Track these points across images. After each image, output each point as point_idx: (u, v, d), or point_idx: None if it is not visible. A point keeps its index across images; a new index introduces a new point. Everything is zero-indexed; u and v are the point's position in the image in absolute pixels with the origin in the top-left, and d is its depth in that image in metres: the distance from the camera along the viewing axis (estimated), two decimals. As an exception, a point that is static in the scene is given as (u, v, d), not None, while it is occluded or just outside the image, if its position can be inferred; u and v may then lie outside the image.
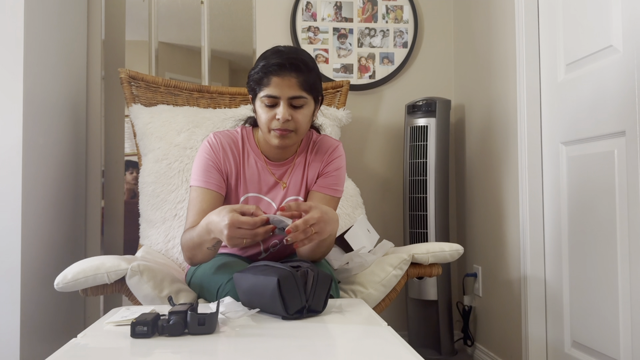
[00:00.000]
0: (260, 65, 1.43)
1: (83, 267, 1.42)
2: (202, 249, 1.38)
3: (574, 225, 1.79)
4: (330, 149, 1.59)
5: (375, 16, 2.59)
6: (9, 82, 1.79)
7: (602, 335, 1.65)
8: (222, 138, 1.54)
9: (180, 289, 1.48)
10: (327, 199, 1.55)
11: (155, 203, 1.92)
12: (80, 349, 0.97)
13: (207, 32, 2.58)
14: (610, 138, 1.61)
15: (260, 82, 1.43)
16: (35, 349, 1.86)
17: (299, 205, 1.28)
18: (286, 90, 1.41)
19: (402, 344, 0.97)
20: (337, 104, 2.33)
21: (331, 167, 1.58)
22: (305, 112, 1.46)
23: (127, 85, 2.11)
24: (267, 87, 1.42)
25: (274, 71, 1.40)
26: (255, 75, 1.45)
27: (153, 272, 1.44)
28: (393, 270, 1.61)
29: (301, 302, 1.14)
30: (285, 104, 1.42)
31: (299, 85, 1.42)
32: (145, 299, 1.43)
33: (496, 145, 2.22)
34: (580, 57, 1.75)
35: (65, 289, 1.41)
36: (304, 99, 1.44)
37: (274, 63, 1.40)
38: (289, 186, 1.56)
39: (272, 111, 1.43)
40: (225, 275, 1.40)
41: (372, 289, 1.58)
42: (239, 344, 0.99)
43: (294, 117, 1.43)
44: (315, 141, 1.61)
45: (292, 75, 1.41)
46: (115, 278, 1.43)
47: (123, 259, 1.50)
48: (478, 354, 2.37)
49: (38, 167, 1.91)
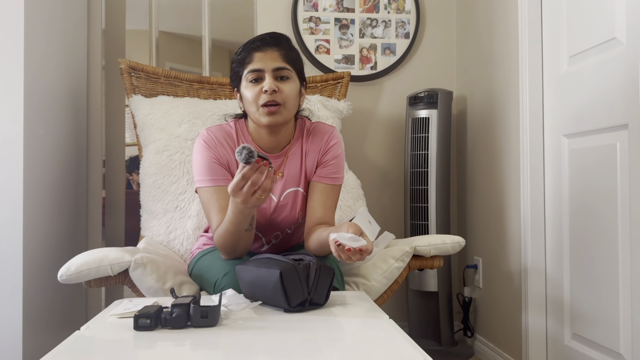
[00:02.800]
0: (241, 49, 1.47)
1: (86, 259, 1.42)
2: (240, 234, 1.36)
3: (575, 218, 1.79)
4: (326, 135, 1.58)
5: (377, 6, 2.57)
6: (10, 73, 1.78)
7: (602, 327, 1.66)
8: (215, 132, 1.52)
9: (183, 281, 1.48)
10: (329, 188, 1.55)
11: (156, 194, 1.92)
12: (84, 342, 0.98)
13: (207, 22, 2.57)
14: (613, 131, 1.61)
15: (243, 61, 1.45)
16: (37, 340, 1.87)
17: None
18: (269, 62, 1.43)
19: (403, 337, 0.97)
20: (338, 95, 2.32)
21: (329, 155, 1.56)
22: (292, 86, 1.46)
23: (127, 76, 2.09)
24: (250, 64, 1.44)
25: (256, 47, 1.44)
26: (238, 58, 1.47)
27: (156, 264, 1.45)
28: (395, 262, 1.61)
29: (303, 295, 1.14)
30: (271, 76, 1.43)
31: (282, 57, 1.44)
32: (148, 291, 1.43)
33: (498, 137, 2.21)
34: (584, 49, 1.75)
35: (68, 281, 1.41)
36: (288, 71, 1.45)
37: (255, 39, 1.46)
38: (286, 176, 1.55)
39: (258, 85, 1.43)
40: (223, 268, 1.39)
41: (374, 281, 1.59)
42: (241, 336, 0.99)
43: (280, 88, 1.43)
44: (309, 129, 1.59)
45: (274, 49, 1.44)
46: (119, 270, 1.43)
47: (126, 250, 1.50)
48: (478, 345, 2.39)
49: (39, 158, 1.91)
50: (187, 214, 1.88)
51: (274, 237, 1.60)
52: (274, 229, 1.58)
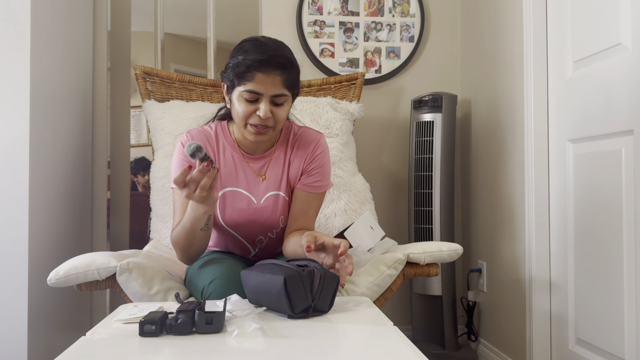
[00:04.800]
0: (242, 58, 1.38)
1: (75, 264, 1.45)
2: (195, 232, 1.37)
3: (580, 223, 1.79)
4: (313, 143, 1.57)
5: (381, 10, 2.57)
6: (16, 75, 1.80)
7: (606, 332, 1.66)
8: (195, 135, 1.53)
9: (170, 287, 1.48)
10: (312, 196, 1.56)
11: (164, 198, 1.94)
12: (90, 348, 0.98)
13: (212, 24, 2.58)
14: (618, 137, 1.61)
15: (242, 76, 1.39)
16: (42, 341, 1.88)
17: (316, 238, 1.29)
18: (270, 88, 1.38)
19: (408, 345, 0.97)
20: (352, 96, 2.31)
21: (315, 164, 1.56)
22: (286, 109, 1.45)
23: (141, 82, 2.11)
24: (250, 83, 1.38)
25: (259, 67, 1.36)
26: (236, 68, 1.39)
27: (143, 269, 1.46)
28: (387, 269, 1.59)
29: (307, 301, 1.14)
30: (268, 101, 1.39)
31: (283, 83, 1.39)
32: (134, 296, 1.45)
33: (502, 141, 2.21)
34: (589, 54, 1.74)
35: (57, 285, 1.44)
36: (286, 97, 1.42)
37: (260, 59, 1.36)
38: (268, 179, 1.54)
39: (252, 106, 1.41)
40: (210, 275, 1.39)
41: (365, 289, 1.56)
42: (245, 343, 0.99)
43: (274, 113, 1.41)
44: (296, 133, 1.59)
45: (277, 73, 1.38)
46: (106, 275, 1.46)
47: (116, 255, 1.52)
48: (482, 349, 2.38)
49: (45, 159, 1.92)
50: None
51: (258, 242, 1.60)
52: (256, 233, 1.58)
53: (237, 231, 1.57)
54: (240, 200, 1.53)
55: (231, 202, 1.53)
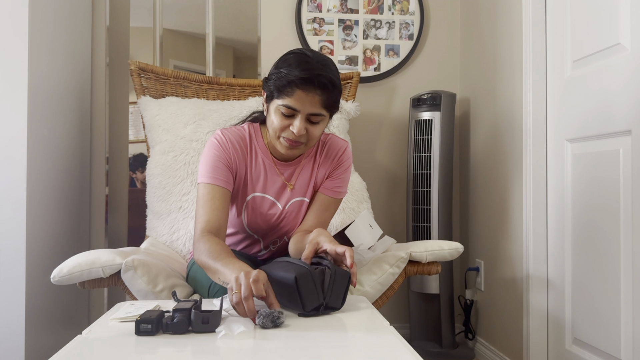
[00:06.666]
0: (285, 72, 1.35)
1: (79, 261, 1.43)
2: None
3: (578, 223, 1.79)
4: (340, 151, 1.58)
5: (381, 7, 2.56)
6: (14, 71, 1.79)
7: (603, 332, 1.66)
8: (230, 135, 1.50)
9: (175, 284, 1.48)
10: (330, 201, 1.56)
11: (161, 195, 1.93)
12: (86, 346, 0.98)
13: (211, 19, 2.57)
14: (616, 137, 1.60)
15: (282, 90, 1.36)
16: (39, 339, 1.88)
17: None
18: (308, 106, 1.36)
19: (403, 345, 0.97)
20: (347, 96, 2.31)
21: (339, 170, 1.58)
22: (321, 127, 1.43)
23: (136, 77, 2.10)
24: (288, 98, 1.35)
25: (300, 84, 1.33)
26: (278, 81, 1.36)
27: (148, 267, 1.45)
28: (390, 268, 1.60)
29: (318, 299, 1.15)
30: (303, 118, 1.37)
31: (321, 102, 1.36)
32: (139, 294, 1.44)
33: (501, 140, 2.21)
34: (588, 54, 1.74)
35: (61, 282, 1.42)
36: (322, 116, 1.40)
37: (302, 77, 1.33)
38: (296, 187, 1.55)
39: (287, 121, 1.39)
40: None
41: (368, 287, 1.57)
42: (240, 343, 1.00)
43: (309, 131, 1.40)
44: (325, 141, 1.59)
45: (317, 93, 1.34)
46: (111, 272, 1.44)
47: (120, 252, 1.51)
48: (479, 347, 2.39)
49: (42, 156, 1.92)
50: (191, 214, 1.89)
51: (272, 243, 1.61)
52: (275, 235, 1.59)
53: (258, 233, 1.58)
54: (266, 206, 1.53)
55: (258, 207, 1.53)
